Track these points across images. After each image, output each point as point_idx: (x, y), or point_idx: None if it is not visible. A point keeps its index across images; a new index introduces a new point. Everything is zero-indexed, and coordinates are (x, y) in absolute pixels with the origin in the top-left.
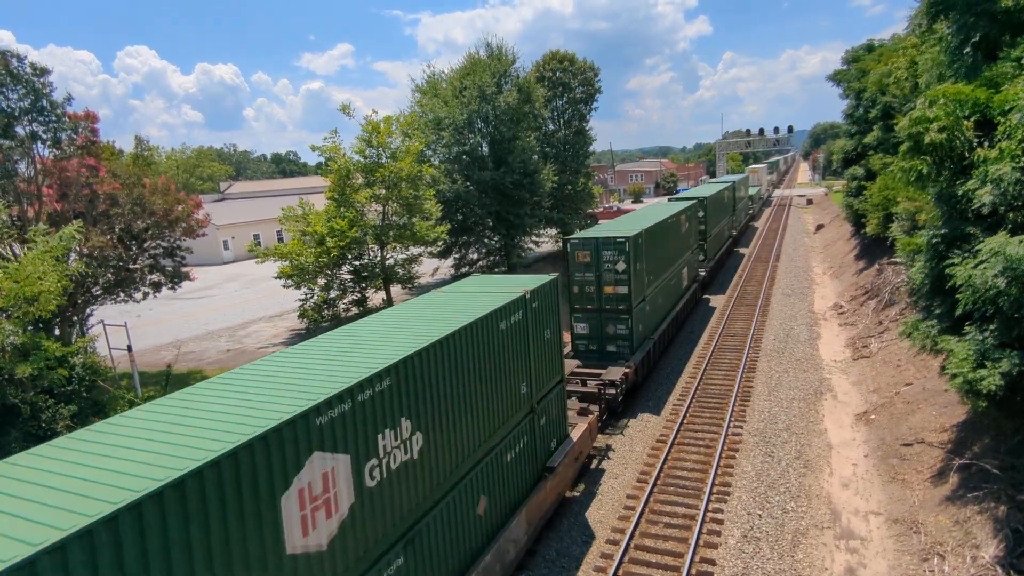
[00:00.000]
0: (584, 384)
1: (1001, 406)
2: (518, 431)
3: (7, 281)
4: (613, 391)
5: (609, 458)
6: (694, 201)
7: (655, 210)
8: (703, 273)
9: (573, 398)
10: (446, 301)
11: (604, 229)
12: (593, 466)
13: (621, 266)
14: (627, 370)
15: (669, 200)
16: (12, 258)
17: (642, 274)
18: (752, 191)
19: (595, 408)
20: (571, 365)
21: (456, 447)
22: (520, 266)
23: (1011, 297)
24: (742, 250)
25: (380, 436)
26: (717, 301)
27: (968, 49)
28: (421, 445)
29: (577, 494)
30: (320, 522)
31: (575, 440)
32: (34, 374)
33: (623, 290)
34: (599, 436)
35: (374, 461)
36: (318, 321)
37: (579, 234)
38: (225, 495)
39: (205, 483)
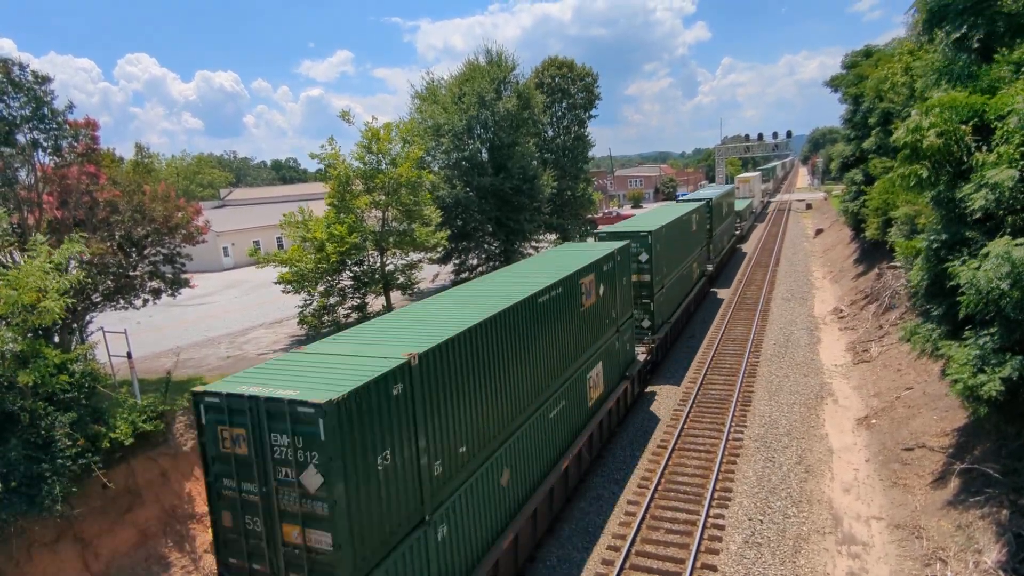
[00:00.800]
0: None
1: (1002, 410)
2: None
3: (6, 289)
4: None
5: None
6: (624, 243)
7: (508, 277)
8: (643, 357)
9: None
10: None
11: (282, 372)
12: None
13: (314, 479)
14: None
15: (598, 239)
16: (12, 265)
17: (394, 485)
18: (741, 205)
19: None
20: None
21: None
22: None
23: (1013, 300)
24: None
25: None
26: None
27: (965, 53)
28: None
29: None
30: None
31: None
32: (36, 381)
33: (321, 542)
34: None
35: None
36: (318, 327)
37: (220, 384)
38: None
39: None
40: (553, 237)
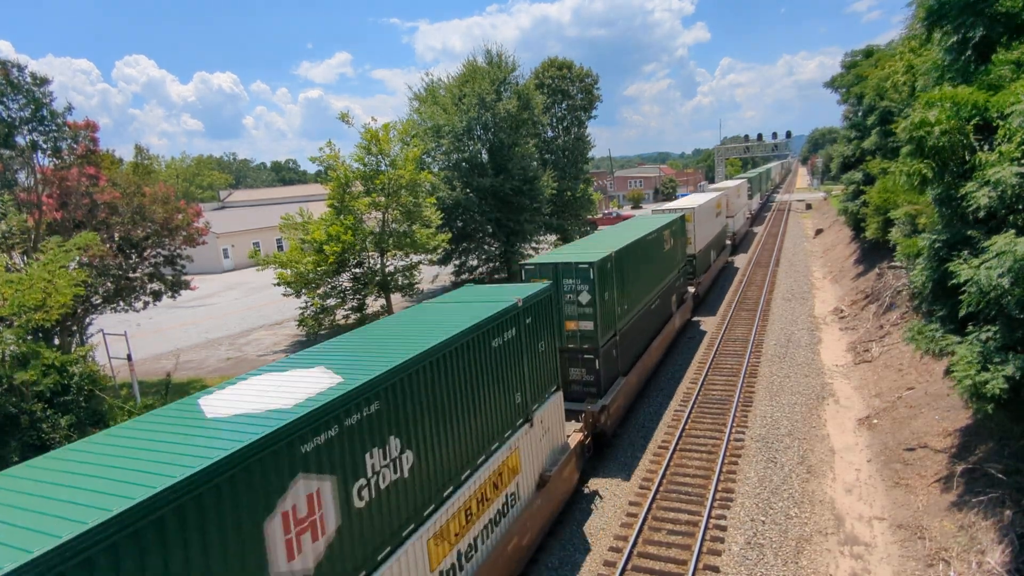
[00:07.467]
0: None
1: (1006, 408)
2: None
3: (10, 289)
4: None
5: None
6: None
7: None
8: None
9: None
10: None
11: None
12: None
13: None
14: None
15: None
16: (15, 267)
17: None
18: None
19: None
20: None
21: None
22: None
23: (1015, 297)
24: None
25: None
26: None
27: (967, 52)
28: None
29: None
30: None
31: None
32: (35, 379)
33: None
34: None
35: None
36: (317, 329)
37: None
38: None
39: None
40: (553, 238)
